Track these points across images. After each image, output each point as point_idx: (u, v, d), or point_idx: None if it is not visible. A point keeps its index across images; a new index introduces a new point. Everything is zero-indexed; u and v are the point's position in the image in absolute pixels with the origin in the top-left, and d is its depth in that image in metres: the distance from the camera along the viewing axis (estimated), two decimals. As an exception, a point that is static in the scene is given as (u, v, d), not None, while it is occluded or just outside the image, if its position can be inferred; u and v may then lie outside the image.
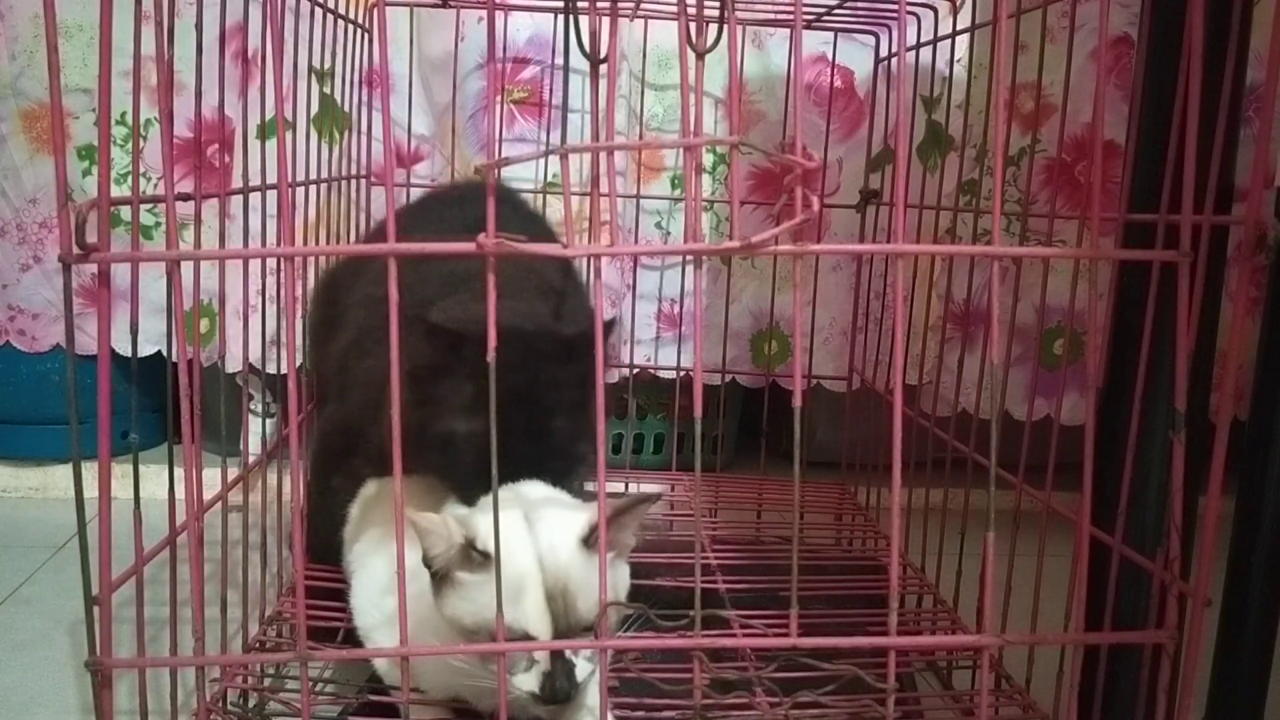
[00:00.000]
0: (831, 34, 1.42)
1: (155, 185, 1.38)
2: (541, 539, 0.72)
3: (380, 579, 0.86)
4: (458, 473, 0.85)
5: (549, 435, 0.85)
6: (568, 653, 0.70)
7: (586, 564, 0.71)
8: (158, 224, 1.43)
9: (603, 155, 0.60)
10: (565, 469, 0.85)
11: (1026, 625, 0.83)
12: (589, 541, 0.72)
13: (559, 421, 0.85)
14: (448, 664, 0.73)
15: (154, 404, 1.39)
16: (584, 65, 0.60)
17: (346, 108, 1.31)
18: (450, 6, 1.34)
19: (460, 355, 0.83)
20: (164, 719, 0.78)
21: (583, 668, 0.71)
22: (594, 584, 0.69)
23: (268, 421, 1.45)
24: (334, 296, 1.10)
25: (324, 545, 1.01)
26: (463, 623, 0.72)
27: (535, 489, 0.81)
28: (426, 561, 0.72)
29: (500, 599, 0.63)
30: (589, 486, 0.89)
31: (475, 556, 0.71)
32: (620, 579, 0.76)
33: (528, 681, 0.70)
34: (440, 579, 0.73)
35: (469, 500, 0.83)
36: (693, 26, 0.60)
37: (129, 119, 1.36)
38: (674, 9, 0.60)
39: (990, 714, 0.84)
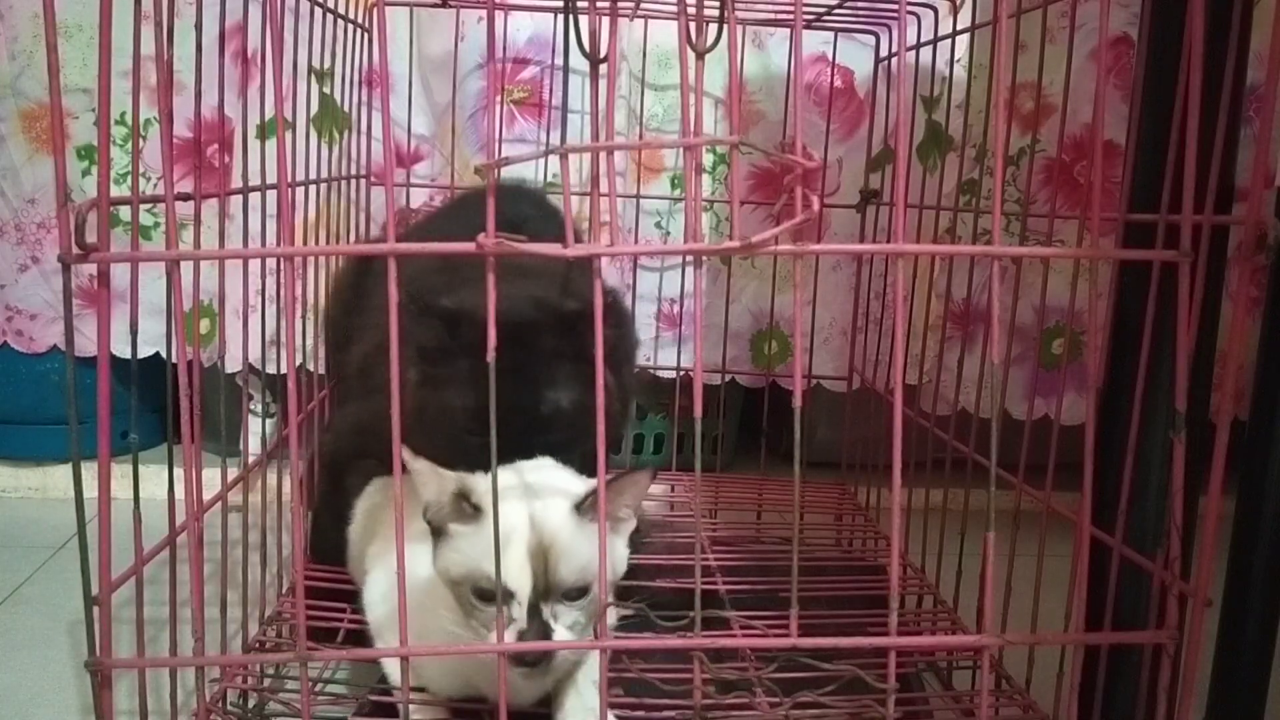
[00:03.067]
0: (831, 34, 1.42)
1: (155, 185, 1.38)
2: (534, 500, 0.73)
3: (393, 578, 0.86)
4: (460, 448, 0.84)
5: (542, 407, 0.87)
6: (546, 616, 0.70)
7: (576, 529, 0.72)
8: (157, 224, 1.43)
9: (603, 155, 0.60)
10: (565, 442, 0.86)
11: (1026, 625, 0.83)
12: (582, 508, 0.73)
13: (554, 393, 0.87)
14: (453, 649, 0.73)
15: (153, 404, 1.38)
16: (584, 65, 0.60)
17: (346, 108, 1.31)
18: (450, 6, 1.34)
19: (457, 333, 0.86)
20: (164, 719, 0.78)
21: (560, 635, 0.70)
22: (580, 549, 0.71)
23: (268, 421, 1.44)
24: (355, 301, 1.11)
25: (332, 545, 1.02)
26: (450, 574, 0.73)
27: (542, 465, 0.81)
28: (425, 513, 0.73)
29: (501, 603, 0.64)
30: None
31: (466, 508, 0.72)
32: (614, 550, 0.76)
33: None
34: (437, 534, 0.74)
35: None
36: (693, 26, 0.60)
37: (128, 119, 1.36)
38: (674, 9, 0.60)
39: (990, 714, 0.84)
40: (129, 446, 0.72)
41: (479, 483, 0.73)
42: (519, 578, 0.70)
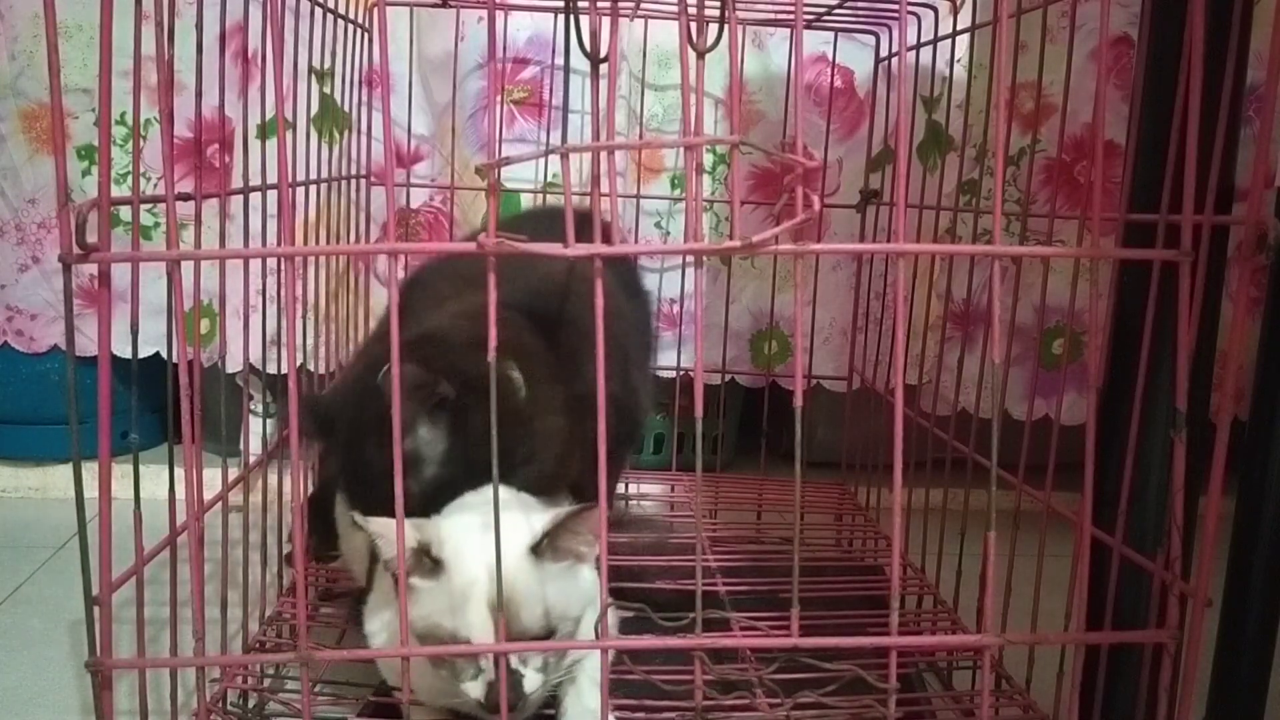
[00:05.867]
0: (831, 34, 1.42)
1: (155, 185, 1.38)
2: (490, 547, 0.71)
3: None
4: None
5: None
6: (515, 664, 0.70)
7: (532, 574, 0.71)
8: (157, 224, 1.43)
9: (603, 155, 0.60)
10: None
11: (1026, 625, 0.83)
12: (538, 550, 0.71)
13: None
14: (429, 672, 0.73)
15: (154, 404, 1.38)
16: (584, 65, 0.60)
17: (346, 108, 1.31)
18: (450, 6, 1.34)
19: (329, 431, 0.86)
20: (164, 719, 0.78)
21: (531, 679, 0.70)
22: (539, 595, 0.70)
23: (268, 421, 1.44)
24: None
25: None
26: (413, 628, 0.71)
27: (503, 494, 0.80)
28: (385, 564, 0.72)
29: (501, 602, 0.64)
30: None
31: (426, 563, 0.71)
32: (578, 586, 0.75)
33: (474, 689, 0.70)
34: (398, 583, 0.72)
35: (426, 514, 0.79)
36: (693, 26, 0.60)
37: (129, 119, 1.36)
38: (674, 9, 0.60)
39: (990, 714, 0.84)
40: (129, 446, 0.72)
41: (439, 534, 0.72)
42: (482, 633, 0.69)
